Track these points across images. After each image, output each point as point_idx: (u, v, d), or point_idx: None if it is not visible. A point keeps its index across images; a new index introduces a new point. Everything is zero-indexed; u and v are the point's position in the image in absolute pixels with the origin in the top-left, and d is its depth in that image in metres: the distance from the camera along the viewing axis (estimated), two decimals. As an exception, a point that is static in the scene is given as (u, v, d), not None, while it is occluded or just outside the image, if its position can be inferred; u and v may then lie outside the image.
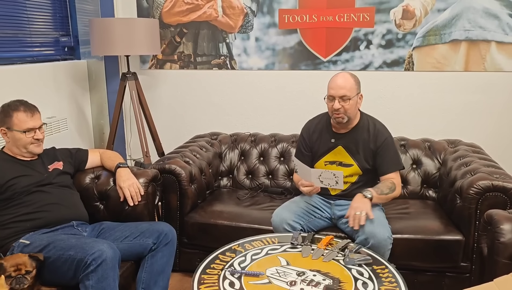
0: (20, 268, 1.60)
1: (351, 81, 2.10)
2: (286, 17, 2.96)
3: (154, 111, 3.17)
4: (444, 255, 2.11)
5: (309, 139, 2.29)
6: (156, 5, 3.14)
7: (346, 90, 2.07)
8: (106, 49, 2.71)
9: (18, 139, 1.91)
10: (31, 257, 1.64)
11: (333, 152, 2.21)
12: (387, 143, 2.16)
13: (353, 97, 2.09)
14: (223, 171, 2.88)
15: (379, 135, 2.17)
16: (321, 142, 2.25)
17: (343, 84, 2.08)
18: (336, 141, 2.20)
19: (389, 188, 2.10)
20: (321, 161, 2.24)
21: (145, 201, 2.11)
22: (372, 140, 2.16)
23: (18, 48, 2.69)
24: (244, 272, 1.64)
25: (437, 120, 2.90)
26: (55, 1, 2.97)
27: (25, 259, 1.63)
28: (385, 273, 1.65)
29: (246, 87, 3.14)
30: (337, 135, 2.21)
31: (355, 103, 2.11)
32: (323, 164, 2.23)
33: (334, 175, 2.02)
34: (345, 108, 2.08)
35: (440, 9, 2.75)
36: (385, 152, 2.16)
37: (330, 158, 2.22)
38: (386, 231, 1.97)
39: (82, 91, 3.14)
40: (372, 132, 2.18)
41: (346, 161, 2.19)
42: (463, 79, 2.82)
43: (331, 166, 2.22)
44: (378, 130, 2.18)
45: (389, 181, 2.13)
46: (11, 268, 1.58)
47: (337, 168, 2.20)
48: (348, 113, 2.10)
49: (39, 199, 1.90)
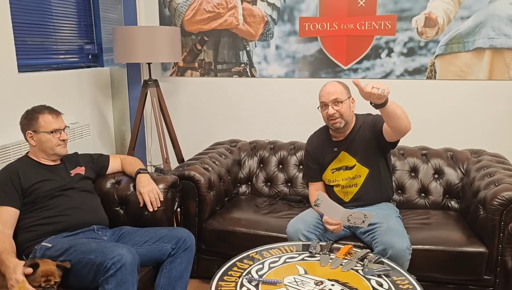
0: (50, 279, 1.61)
1: (340, 86, 2.18)
2: (307, 25, 2.96)
3: (175, 118, 3.21)
4: (466, 267, 2.06)
5: (314, 152, 2.36)
6: (178, 14, 3.19)
7: (336, 94, 2.15)
8: (128, 56, 2.76)
9: (46, 140, 1.96)
10: (59, 266, 1.66)
11: (337, 159, 2.27)
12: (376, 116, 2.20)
13: (345, 100, 2.16)
14: (242, 178, 2.88)
15: (367, 120, 2.24)
16: (325, 154, 2.31)
17: (333, 89, 2.17)
18: (338, 148, 2.27)
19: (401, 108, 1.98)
20: (328, 170, 2.30)
21: (164, 207, 2.13)
22: (367, 130, 2.21)
23: (44, 55, 2.77)
24: (262, 280, 1.63)
25: (460, 129, 2.85)
26: (81, 9, 3.05)
27: (54, 268, 1.63)
28: (405, 285, 1.62)
29: (266, 95, 3.15)
30: (337, 143, 2.29)
31: (348, 106, 2.18)
32: (331, 172, 2.29)
33: (364, 216, 1.96)
34: (340, 111, 2.15)
35: (463, 16, 2.71)
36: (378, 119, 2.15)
37: (336, 165, 2.28)
38: (405, 241, 1.94)
39: (104, 98, 3.20)
40: (368, 123, 2.23)
41: (350, 164, 2.25)
42: (487, 87, 2.76)
43: (338, 172, 2.27)
44: (371, 117, 2.24)
45: None
46: (42, 279, 1.60)
47: (344, 172, 2.25)
48: (345, 116, 2.17)
49: (61, 203, 1.94)
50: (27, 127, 1.97)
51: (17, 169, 1.92)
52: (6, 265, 1.61)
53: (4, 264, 1.62)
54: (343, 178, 2.26)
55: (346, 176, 2.25)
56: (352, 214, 1.99)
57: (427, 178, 2.58)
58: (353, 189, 2.24)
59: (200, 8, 3.12)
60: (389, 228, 1.98)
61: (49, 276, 1.61)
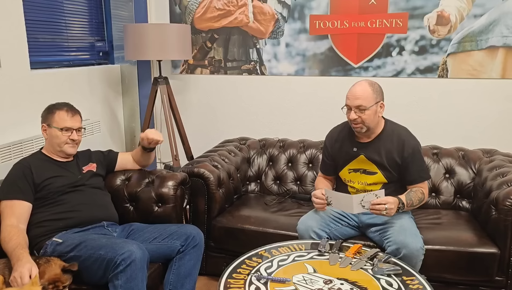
0: (57, 285, 1.61)
1: (368, 91, 2.03)
2: (317, 23, 2.94)
3: (184, 115, 3.21)
4: (477, 268, 2.03)
5: (332, 148, 2.26)
6: (189, 11, 3.19)
7: (361, 100, 2.01)
8: (139, 54, 2.77)
9: (55, 136, 1.98)
10: (66, 271, 1.65)
11: (356, 161, 2.17)
12: (414, 153, 2.10)
13: (371, 107, 2.02)
14: (251, 176, 2.88)
15: (405, 146, 2.09)
16: (343, 151, 2.21)
17: (359, 93, 2.02)
18: (358, 150, 2.16)
19: (419, 199, 2.08)
20: (345, 169, 2.21)
21: (174, 204, 2.14)
22: (397, 151, 2.10)
23: (55, 52, 2.79)
24: (271, 278, 1.63)
25: (472, 128, 2.81)
26: (92, 7, 3.07)
27: (59, 273, 1.62)
28: (415, 285, 1.60)
29: (276, 93, 3.14)
30: (359, 144, 2.17)
31: (373, 113, 2.04)
32: (347, 171, 2.21)
33: (376, 195, 1.93)
34: (362, 118, 2.03)
35: (476, 14, 2.67)
36: (411, 162, 2.09)
37: (354, 166, 2.18)
38: (419, 241, 1.92)
39: (115, 95, 3.22)
40: (396, 143, 2.11)
41: (370, 169, 2.15)
42: (500, 86, 2.73)
43: (355, 173, 2.18)
44: (403, 141, 2.10)
45: (419, 191, 2.09)
46: (50, 286, 1.59)
47: (361, 176, 2.16)
48: (367, 123, 2.05)
49: (72, 199, 1.96)
50: (44, 120, 2.01)
51: (30, 164, 1.94)
52: (20, 258, 1.63)
53: (16, 257, 1.64)
54: (359, 182, 2.18)
55: (363, 180, 2.16)
56: (363, 198, 1.94)
57: (438, 178, 2.56)
58: None
59: (211, 5, 3.12)
60: (402, 228, 1.95)
61: (56, 282, 1.61)
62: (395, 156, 2.10)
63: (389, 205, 1.91)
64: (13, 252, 1.66)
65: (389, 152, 2.10)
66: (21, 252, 1.66)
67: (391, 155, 2.10)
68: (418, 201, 2.07)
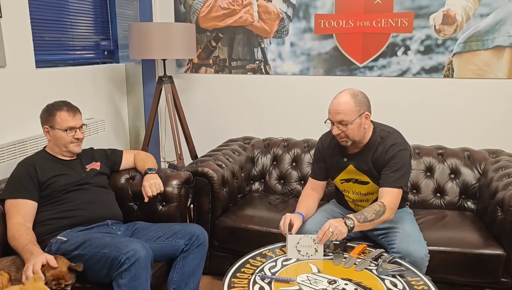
0: (60, 283, 1.61)
1: (350, 104, 1.92)
2: (322, 22, 2.93)
3: (189, 115, 3.21)
4: (483, 270, 2.02)
5: (323, 151, 2.19)
6: (193, 10, 3.19)
7: (343, 114, 1.91)
8: (143, 53, 2.77)
9: (60, 137, 1.98)
10: (71, 270, 1.66)
11: (346, 171, 2.11)
12: (393, 157, 1.96)
13: (354, 121, 1.92)
14: (255, 175, 2.88)
15: (389, 151, 1.97)
16: (334, 160, 2.14)
17: (341, 108, 1.92)
18: (348, 160, 2.08)
19: (376, 213, 1.86)
20: (337, 179, 2.16)
21: (178, 203, 2.14)
22: (382, 158, 1.99)
23: (61, 51, 2.79)
24: (275, 277, 1.62)
25: (478, 129, 2.80)
26: (97, 6, 3.07)
27: (65, 271, 1.63)
28: (420, 286, 1.59)
29: (280, 92, 3.13)
30: (349, 155, 2.09)
31: (357, 126, 1.94)
32: (339, 182, 2.16)
33: (312, 239, 1.78)
34: (345, 133, 1.94)
35: (483, 14, 2.66)
36: (389, 166, 1.97)
37: (345, 176, 2.12)
38: (422, 248, 1.87)
39: (119, 94, 3.22)
40: (381, 150, 1.99)
41: (362, 179, 2.08)
42: (507, 86, 2.71)
43: (347, 183, 2.13)
44: (389, 147, 1.98)
45: (377, 204, 1.89)
46: (53, 282, 1.60)
47: (354, 185, 2.11)
48: (351, 137, 1.96)
49: (76, 198, 1.96)
50: (45, 122, 2.01)
51: (34, 163, 1.95)
52: (33, 252, 1.64)
53: (29, 252, 1.64)
54: (353, 191, 2.13)
55: (357, 190, 2.12)
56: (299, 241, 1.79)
57: (443, 178, 2.54)
58: (364, 203, 2.12)
59: (215, 5, 3.12)
60: (406, 234, 1.91)
61: (59, 279, 1.61)
62: (383, 164, 2.00)
63: (332, 225, 1.76)
64: (25, 247, 1.67)
65: (376, 160, 2.01)
66: (34, 247, 1.67)
67: (378, 163, 2.01)
68: (374, 215, 1.85)
